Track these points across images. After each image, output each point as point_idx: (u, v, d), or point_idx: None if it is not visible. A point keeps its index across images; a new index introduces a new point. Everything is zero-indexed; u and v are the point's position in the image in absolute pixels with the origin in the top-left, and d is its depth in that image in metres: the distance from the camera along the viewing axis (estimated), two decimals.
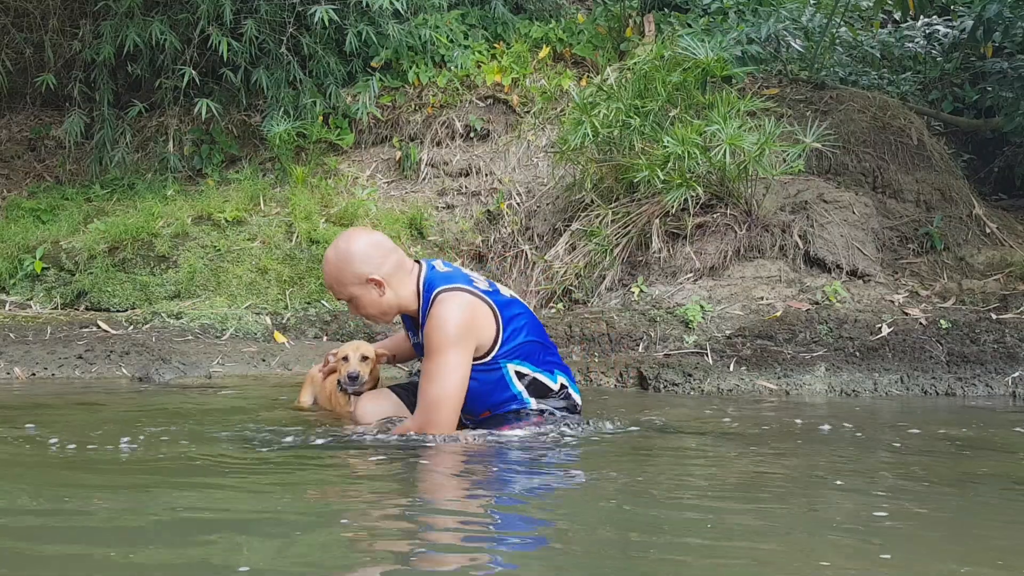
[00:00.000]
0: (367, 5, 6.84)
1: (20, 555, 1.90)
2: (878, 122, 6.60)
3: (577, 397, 3.38)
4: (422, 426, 3.06)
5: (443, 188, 7.10)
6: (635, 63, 6.22)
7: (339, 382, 3.59)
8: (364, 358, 3.52)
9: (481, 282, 3.24)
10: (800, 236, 5.73)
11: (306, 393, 3.92)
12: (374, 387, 3.61)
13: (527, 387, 3.23)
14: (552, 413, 3.26)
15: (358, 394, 3.55)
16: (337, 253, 3.14)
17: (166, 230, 6.39)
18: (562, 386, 3.30)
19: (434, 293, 3.11)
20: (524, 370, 3.22)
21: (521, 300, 3.40)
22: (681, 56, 5.86)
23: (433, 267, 3.23)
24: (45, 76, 7.38)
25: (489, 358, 3.13)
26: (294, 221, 6.44)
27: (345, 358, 3.53)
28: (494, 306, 3.15)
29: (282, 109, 7.17)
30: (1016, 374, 4.68)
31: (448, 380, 3.02)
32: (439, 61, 7.61)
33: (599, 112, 5.83)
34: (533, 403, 3.24)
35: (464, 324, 3.05)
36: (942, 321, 5.10)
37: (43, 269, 6.38)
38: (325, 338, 5.61)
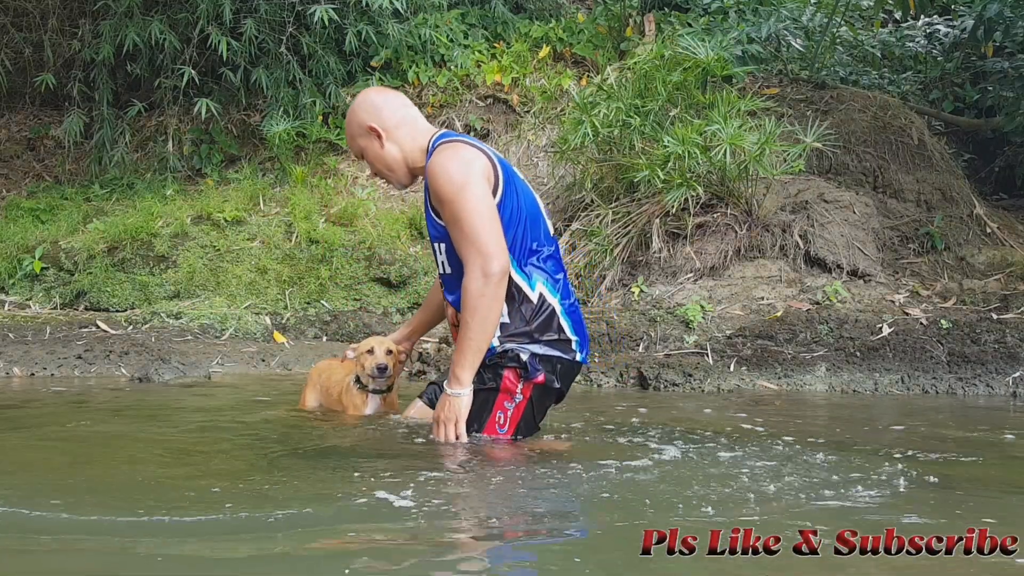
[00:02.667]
0: (367, 4, 6.83)
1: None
2: (879, 122, 6.60)
3: (569, 331, 3.00)
4: (480, 270, 2.77)
5: None
6: (635, 63, 6.22)
7: (357, 379, 3.45)
8: (389, 351, 3.37)
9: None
10: (800, 236, 5.72)
11: (310, 395, 3.81)
12: (390, 389, 3.48)
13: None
14: (524, 365, 2.90)
15: (380, 391, 3.43)
16: (351, 106, 3.09)
17: (165, 230, 6.38)
18: (542, 300, 2.94)
19: (434, 146, 2.96)
20: None
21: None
22: (681, 56, 5.85)
23: (450, 131, 3.08)
24: (44, 76, 7.37)
25: None
26: (294, 221, 6.43)
27: (370, 350, 3.37)
28: (495, 160, 2.92)
29: (282, 109, 7.16)
30: (1017, 374, 4.67)
31: (474, 212, 2.79)
32: (439, 61, 7.61)
33: (599, 112, 5.82)
34: (497, 343, 2.91)
35: (466, 162, 2.85)
36: (943, 321, 5.10)
37: (42, 269, 6.37)
38: (325, 338, 5.60)
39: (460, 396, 2.88)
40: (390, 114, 3.02)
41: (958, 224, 6.18)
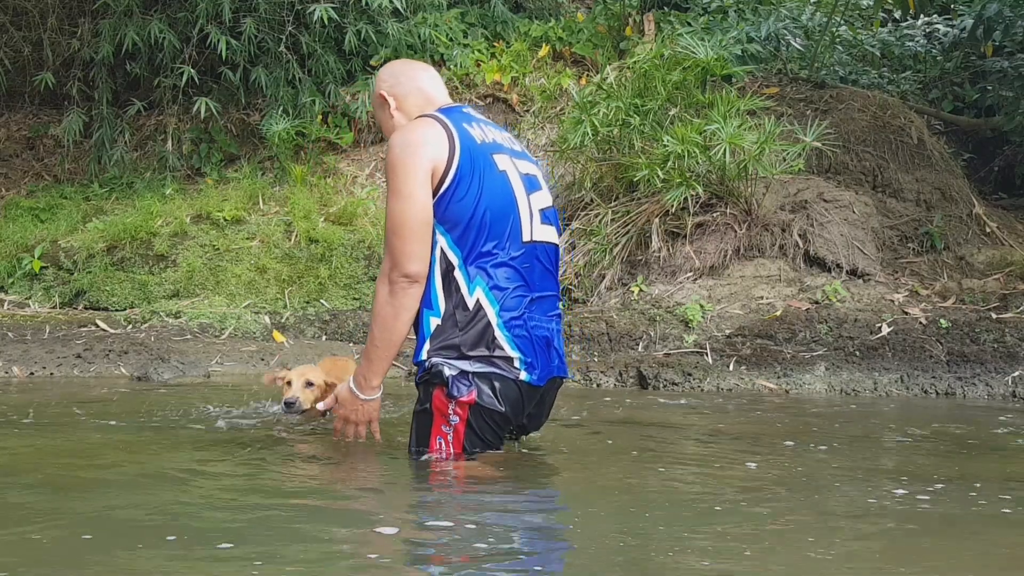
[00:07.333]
0: (366, 4, 6.83)
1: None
2: (878, 121, 6.60)
3: (508, 347, 2.63)
4: (386, 274, 2.63)
5: None
6: (635, 62, 6.22)
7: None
8: (309, 384, 3.28)
9: (477, 128, 2.76)
10: (800, 235, 5.72)
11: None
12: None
13: (443, 282, 2.66)
14: (446, 382, 2.60)
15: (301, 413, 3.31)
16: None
17: (165, 229, 6.38)
18: (478, 308, 2.62)
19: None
20: (451, 254, 2.66)
21: (512, 179, 2.73)
22: (681, 55, 5.85)
23: (461, 106, 2.87)
24: (44, 75, 7.37)
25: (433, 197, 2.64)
26: (293, 220, 6.43)
27: (288, 383, 3.30)
28: (460, 147, 2.64)
29: (281, 108, 7.16)
30: (1016, 373, 4.67)
31: (396, 207, 2.60)
32: (439, 60, 7.60)
33: (599, 111, 5.82)
34: (425, 355, 2.63)
35: (415, 142, 2.63)
36: (942, 320, 5.10)
37: (42, 268, 6.37)
38: (324, 337, 5.60)
39: (371, 400, 2.73)
40: (404, 82, 2.90)
41: (957, 223, 6.18)
